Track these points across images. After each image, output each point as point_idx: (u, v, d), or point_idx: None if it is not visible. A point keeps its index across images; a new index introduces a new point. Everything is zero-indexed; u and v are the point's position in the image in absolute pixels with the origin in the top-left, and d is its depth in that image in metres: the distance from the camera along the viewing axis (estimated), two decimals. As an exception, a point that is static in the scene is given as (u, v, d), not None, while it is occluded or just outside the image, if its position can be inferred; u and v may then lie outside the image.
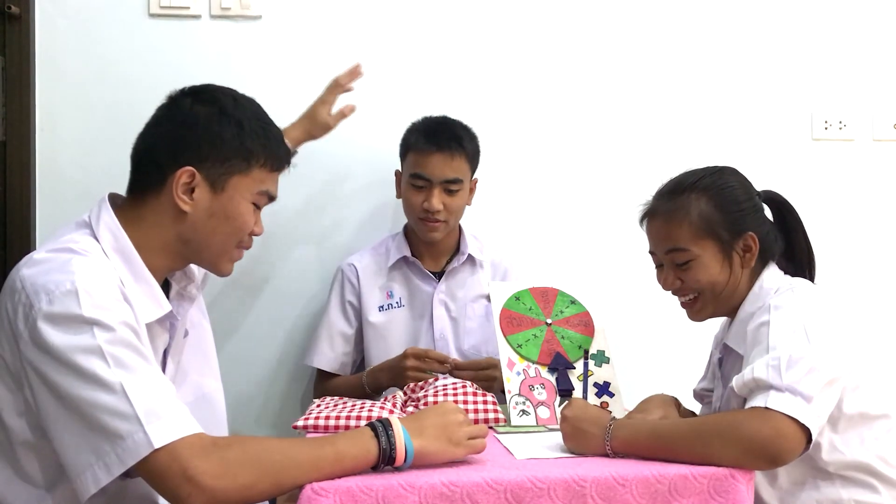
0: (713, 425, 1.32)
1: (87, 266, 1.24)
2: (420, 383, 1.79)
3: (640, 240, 2.41)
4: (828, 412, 1.38)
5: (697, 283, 1.57)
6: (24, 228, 2.15)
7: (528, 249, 2.35)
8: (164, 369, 1.43)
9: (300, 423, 1.57)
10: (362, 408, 1.60)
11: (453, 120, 2.13)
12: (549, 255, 2.38)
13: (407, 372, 1.90)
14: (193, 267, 1.50)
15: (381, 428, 1.27)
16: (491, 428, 1.62)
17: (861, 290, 2.42)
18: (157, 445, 1.15)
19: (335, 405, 1.66)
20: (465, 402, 1.65)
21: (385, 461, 1.26)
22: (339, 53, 2.31)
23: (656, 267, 1.65)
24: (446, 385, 1.72)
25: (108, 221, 1.33)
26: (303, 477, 1.22)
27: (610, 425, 1.37)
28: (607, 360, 1.77)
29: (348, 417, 1.56)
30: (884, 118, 2.49)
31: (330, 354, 2.14)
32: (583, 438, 1.39)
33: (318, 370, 2.17)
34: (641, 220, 1.66)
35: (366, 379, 2.03)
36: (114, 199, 1.38)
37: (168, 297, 1.41)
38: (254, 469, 1.19)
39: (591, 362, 1.76)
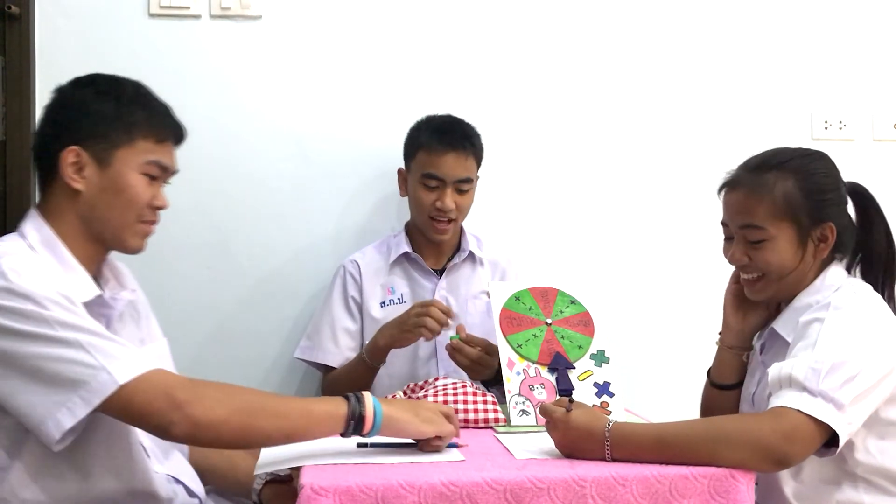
0: (721, 429, 1.32)
1: (13, 255, 1.29)
2: (420, 383, 1.80)
3: (640, 240, 2.43)
4: (862, 419, 1.37)
5: (767, 264, 1.52)
6: (23, 228, 2.15)
7: (528, 249, 2.35)
8: None
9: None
10: (362, 408, 1.60)
11: (460, 119, 2.15)
12: (549, 255, 2.38)
13: (409, 323, 1.91)
14: (128, 278, 1.55)
15: (352, 395, 1.33)
16: (491, 428, 1.62)
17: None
18: (121, 381, 1.20)
19: (335, 405, 1.66)
20: (465, 402, 1.66)
21: (354, 420, 1.31)
22: (339, 53, 2.31)
23: (725, 239, 1.60)
24: (446, 385, 1.72)
25: (34, 221, 1.39)
26: (271, 421, 1.28)
27: (607, 440, 1.34)
28: (607, 360, 1.76)
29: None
30: (884, 118, 2.49)
31: (334, 350, 2.12)
32: (581, 455, 1.36)
33: (324, 372, 2.17)
34: (720, 189, 1.59)
35: (366, 348, 2.01)
36: (38, 206, 1.44)
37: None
38: (227, 406, 1.26)
39: (591, 362, 1.75)
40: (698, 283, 2.41)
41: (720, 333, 1.70)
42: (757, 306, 1.65)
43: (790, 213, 1.50)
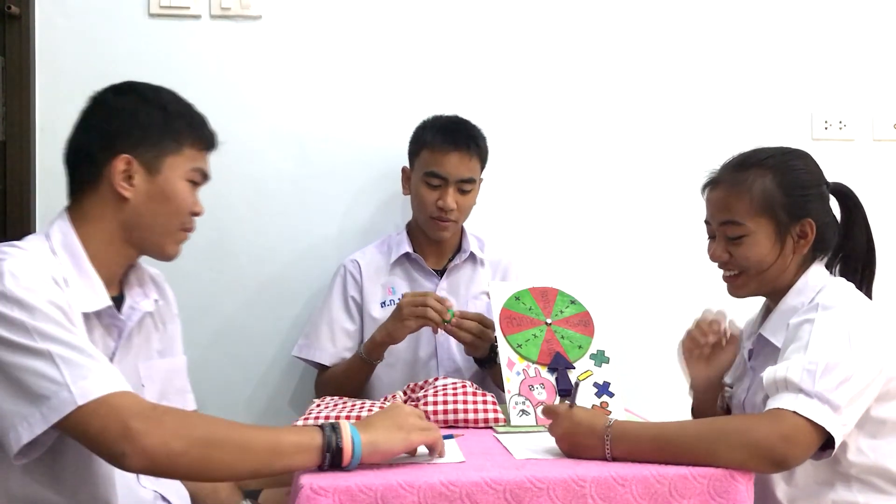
0: (720, 430, 1.32)
1: (20, 256, 1.26)
2: (419, 383, 1.79)
3: (640, 240, 2.43)
4: (855, 420, 1.37)
5: (746, 259, 1.54)
6: (23, 229, 2.15)
7: (528, 249, 2.35)
8: None
9: (300, 422, 1.57)
10: (362, 407, 1.60)
11: (466, 120, 2.15)
12: (549, 255, 2.38)
13: (403, 312, 1.88)
14: (151, 284, 1.52)
15: (328, 425, 1.26)
16: (491, 428, 1.62)
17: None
18: (80, 402, 1.15)
19: (335, 405, 1.66)
20: (465, 402, 1.65)
21: (331, 452, 1.23)
22: (339, 53, 2.31)
23: (709, 238, 1.63)
24: (446, 385, 1.72)
25: (61, 223, 1.38)
26: (234, 455, 1.20)
27: (608, 436, 1.34)
28: (607, 360, 1.77)
29: (348, 417, 1.55)
30: (884, 118, 2.49)
31: (331, 349, 2.12)
32: (581, 451, 1.36)
33: (319, 370, 2.17)
34: (703, 188, 1.62)
35: (362, 347, 2.00)
36: (69, 209, 1.43)
37: (120, 310, 1.41)
38: (186, 438, 1.19)
39: (591, 362, 1.75)
40: (698, 283, 2.40)
41: (689, 385, 1.72)
42: (716, 352, 1.67)
43: (768, 209, 1.52)
